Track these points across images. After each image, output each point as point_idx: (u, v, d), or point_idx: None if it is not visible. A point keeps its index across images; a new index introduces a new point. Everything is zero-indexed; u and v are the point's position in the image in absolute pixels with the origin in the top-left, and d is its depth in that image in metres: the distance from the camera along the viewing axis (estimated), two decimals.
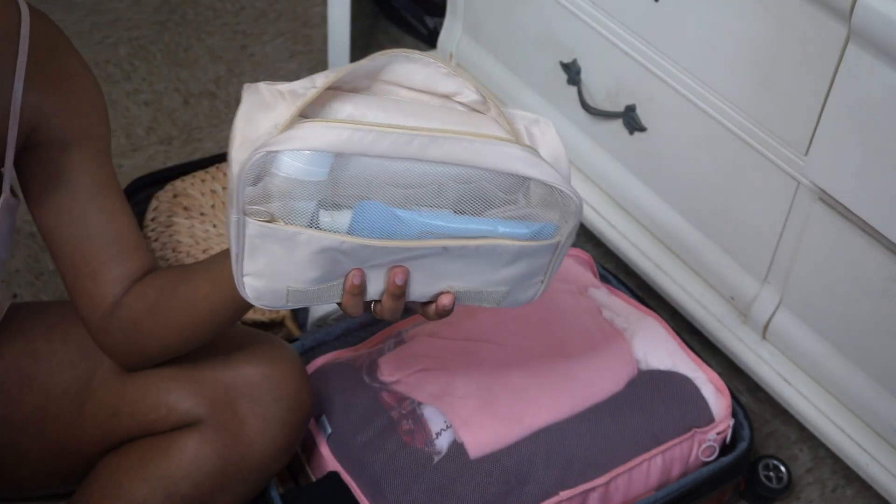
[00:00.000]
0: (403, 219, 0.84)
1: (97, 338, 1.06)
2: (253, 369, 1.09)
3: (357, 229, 0.84)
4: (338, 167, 0.82)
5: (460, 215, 0.86)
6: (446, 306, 0.90)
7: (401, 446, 1.19)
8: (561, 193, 0.86)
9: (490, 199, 0.86)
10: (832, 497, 1.45)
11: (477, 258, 0.87)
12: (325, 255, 0.84)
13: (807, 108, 1.22)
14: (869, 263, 1.23)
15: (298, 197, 0.82)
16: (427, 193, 0.85)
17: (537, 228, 0.87)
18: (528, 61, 1.68)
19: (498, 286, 0.91)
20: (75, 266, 1.03)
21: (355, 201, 0.84)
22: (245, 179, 0.81)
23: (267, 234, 0.83)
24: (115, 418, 1.11)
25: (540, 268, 0.91)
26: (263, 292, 0.87)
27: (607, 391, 1.27)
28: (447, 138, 0.82)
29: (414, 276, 0.88)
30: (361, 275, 0.87)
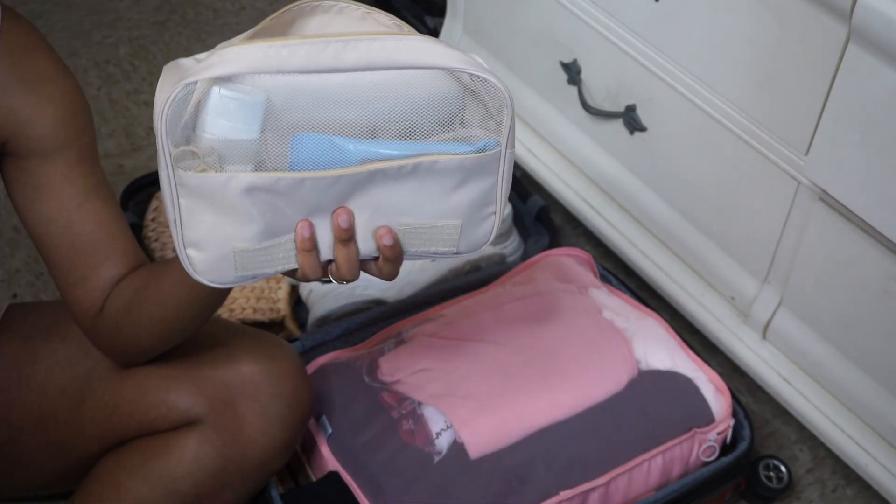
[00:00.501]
0: (342, 147, 0.82)
1: (91, 340, 1.07)
2: (252, 368, 1.09)
3: (295, 164, 0.81)
4: (268, 125, 0.80)
5: (400, 141, 0.84)
6: (386, 242, 0.86)
7: (401, 446, 1.19)
8: (484, 83, 0.83)
9: (426, 131, 0.84)
10: (832, 497, 1.45)
11: (421, 186, 0.84)
12: (263, 199, 0.81)
13: (807, 108, 1.22)
14: (869, 263, 1.23)
15: (230, 159, 0.80)
16: (362, 135, 0.83)
17: (479, 145, 0.85)
18: (528, 61, 1.68)
19: (448, 219, 0.87)
20: (65, 273, 1.02)
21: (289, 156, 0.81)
22: (169, 122, 0.78)
23: (200, 186, 0.80)
24: (115, 417, 1.11)
25: (489, 191, 0.87)
26: (209, 263, 0.84)
27: (607, 391, 1.27)
28: (360, 40, 0.80)
29: (360, 220, 0.85)
30: (310, 225, 0.84)
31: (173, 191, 0.81)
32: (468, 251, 0.90)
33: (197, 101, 0.79)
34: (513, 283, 1.42)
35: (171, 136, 0.79)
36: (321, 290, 1.48)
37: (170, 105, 0.78)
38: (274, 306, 1.49)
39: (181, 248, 0.84)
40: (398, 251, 0.87)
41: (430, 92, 0.83)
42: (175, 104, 0.78)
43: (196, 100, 0.79)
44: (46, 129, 0.98)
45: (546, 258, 1.48)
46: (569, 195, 1.66)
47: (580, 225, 1.75)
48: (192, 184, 0.81)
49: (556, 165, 1.68)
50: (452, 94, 0.84)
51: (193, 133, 0.79)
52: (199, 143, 0.80)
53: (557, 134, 1.67)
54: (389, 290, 1.49)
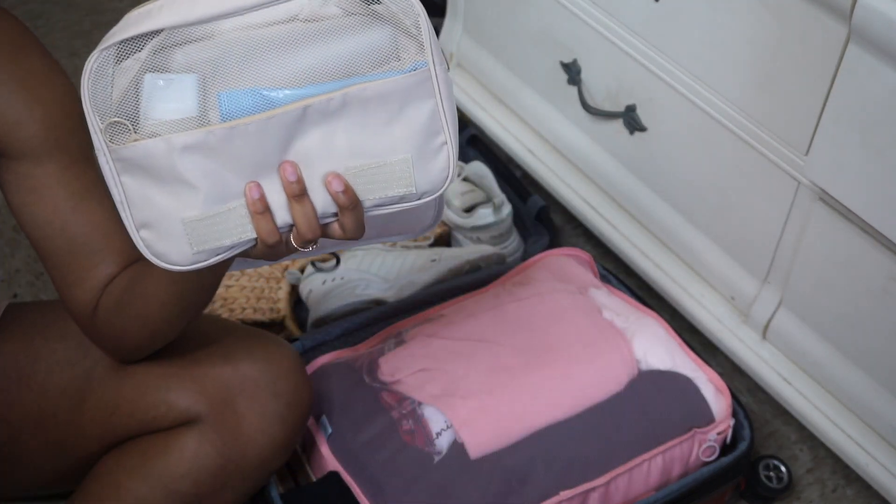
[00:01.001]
0: (270, 96, 0.81)
1: (89, 339, 1.07)
2: (251, 367, 1.09)
3: (226, 118, 0.80)
4: (206, 104, 0.80)
5: (329, 82, 0.82)
6: (336, 188, 0.83)
7: (401, 446, 1.19)
8: None
9: (362, 72, 0.82)
10: (832, 497, 1.45)
11: (357, 120, 0.83)
12: (200, 160, 0.80)
13: (807, 108, 1.22)
14: (869, 263, 1.23)
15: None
16: None
17: (408, 69, 0.83)
18: (528, 61, 1.68)
19: (397, 153, 0.84)
20: (62, 274, 1.02)
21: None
22: (90, 94, 0.78)
23: (136, 157, 0.80)
24: (114, 416, 1.11)
25: (431, 117, 0.84)
26: (164, 244, 0.83)
27: (607, 391, 1.27)
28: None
29: (307, 173, 0.83)
30: (257, 185, 0.82)
31: (113, 169, 0.81)
32: (431, 190, 0.87)
33: (125, 91, 0.79)
34: (513, 283, 1.42)
35: (98, 111, 0.79)
36: (321, 290, 1.48)
37: (88, 78, 0.78)
38: (274, 306, 1.49)
39: (133, 232, 0.83)
40: (352, 197, 0.84)
41: (360, 35, 0.82)
42: (93, 76, 0.78)
43: (126, 86, 0.79)
44: (36, 130, 0.98)
45: (546, 258, 1.48)
46: (569, 195, 1.66)
47: (580, 225, 1.75)
48: (128, 156, 0.80)
49: (556, 165, 1.68)
50: (383, 33, 0.82)
51: (137, 124, 0.79)
52: (144, 131, 0.79)
53: (557, 134, 1.67)
54: (389, 290, 1.49)
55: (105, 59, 0.79)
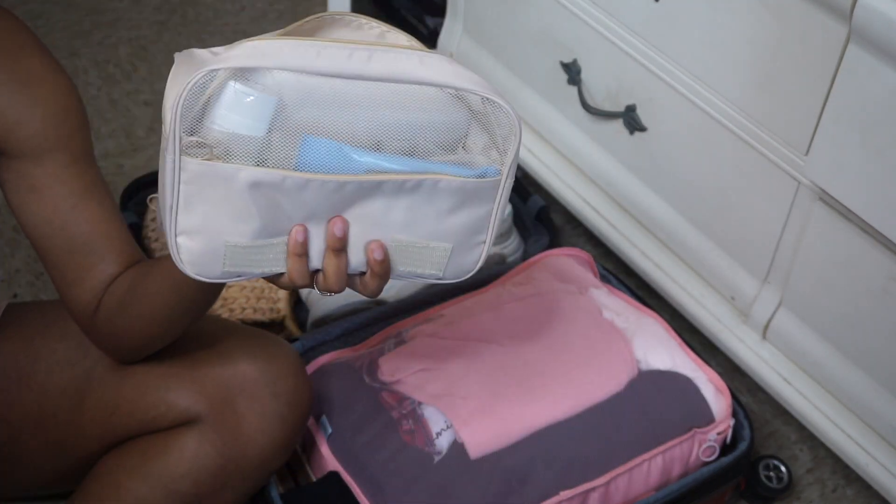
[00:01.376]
0: (350, 155, 0.82)
1: (89, 338, 1.07)
2: (251, 366, 1.09)
3: (302, 165, 0.81)
4: (276, 125, 0.80)
5: (408, 157, 0.84)
6: (376, 256, 0.86)
7: (401, 446, 1.19)
8: (496, 107, 0.83)
9: (428, 151, 0.85)
10: (832, 497, 1.45)
11: (419, 204, 0.85)
12: (266, 196, 0.81)
13: (807, 108, 1.22)
14: (869, 263, 1.23)
15: (235, 153, 0.80)
16: (366, 147, 0.83)
17: (480, 171, 0.85)
18: (528, 61, 1.68)
19: (440, 241, 0.88)
20: (62, 274, 1.02)
21: (296, 156, 0.81)
22: (184, 108, 0.78)
23: (205, 173, 0.80)
24: (114, 416, 1.11)
25: (482, 220, 0.88)
26: (199, 254, 0.83)
27: (607, 391, 1.27)
28: (387, 50, 0.81)
29: (353, 231, 0.85)
30: (304, 230, 0.84)
31: (176, 175, 0.81)
32: (453, 278, 0.91)
33: (209, 94, 0.79)
34: (513, 283, 1.42)
35: (183, 122, 0.79)
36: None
37: (189, 90, 0.78)
38: (274, 306, 1.49)
39: (172, 235, 0.83)
40: (387, 267, 0.87)
41: (438, 112, 0.84)
42: (194, 89, 0.78)
43: (209, 92, 0.79)
44: (36, 130, 0.98)
45: (546, 258, 1.48)
46: (569, 195, 1.66)
47: (580, 225, 1.75)
48: (196, 170, 0.80)
49: (556, 165, 1.68)
50: (459, 118, 0.85)
51: (201, 124, 0.79)
52: (206, 134, 0.80)
53: (557, 134, 1.67)
54: (389, 290, 1.49)
55: (210, 78, 0.78)
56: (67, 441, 1.13)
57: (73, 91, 1.01)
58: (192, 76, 0.77)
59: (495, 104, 0.83)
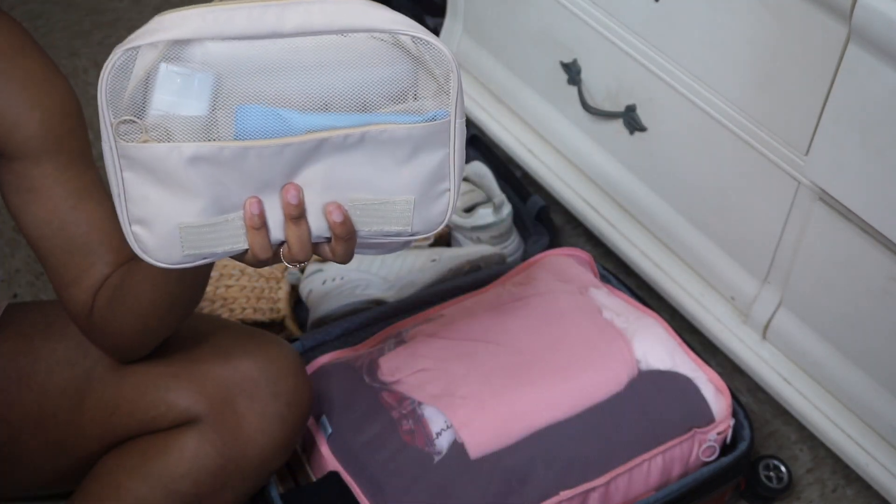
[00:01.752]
0: (288, 118, 0.80)
1: (87, 338, 1.07)
2: (251, 366, 1.09)
3: (241, 136, 0.80)
4: (217, 103, 0.79)
5: (349, 114, 0.82)
6: (335, 219, 0.83)
7: (401, 446, 1.19)
8: (428, 46, 0.81)
9: (378, 105, 0.83)
10: (832, 497, 1.45)
11: (370, 158, 0.83)
12: (208, 171, 0.80)
13: (807, 108, 1.22)
14: (869, 263, 1.23)
15: (178, 136, 0.79)
16: (314, 110, 0.81)
17: (429, 115, 0.83)
18: (528, 61, 1.68)
19: (401, 194, 0.85)
20: (60, 275, 1.02)
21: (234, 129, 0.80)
22: (108, 90, 0.77)
23: (143, 157, 0.79)
24: (114, 416, 1.11)
25: (441, 165, 0.85)
26: (156, 242, 0.82)
27: (607, 391, 1.27)
28: (300, 3, 0.79)
29: (309, 196, 0.83)
30: (258, 202, 0.82)
31: (116, 163, 0.80)
32: (424, 231, 0.88)
33: (145, 77, 0.78)
34: (513, 283, 1.42)
35: (112, 106, 0.78)
36: (321, 290, 1.48)
37: (109, 72, 0.77)
38: (274, 306, 1.49)
39: (126, 225, 0.83)
40: (349, 228, 0.85)
41: (382, 65, 0.82)
42: (115, 71, 0.77)
43: (144, 75, 0.78)
44: (34, 131, 0.98)
45: (546, 258, 1.48)
46: (569, 195, 1.66)
47: (580, 225, 1.75)
48: (134, 155, 0.79)
49: (556, 165, 1.68)
50: (405, 67, 0.82)
51: (144, 111, 0.78)
52: (147, 120, 0.79)
53: (557, 134, 1.67)
54: (389, 290, 1.49)
55: (129, 57, 0.78)
56: (67, 441, 1.13)
57: (70, 92, 1.01)
58: (110, 58, 0.77)
59: (427, 43, 0.81)
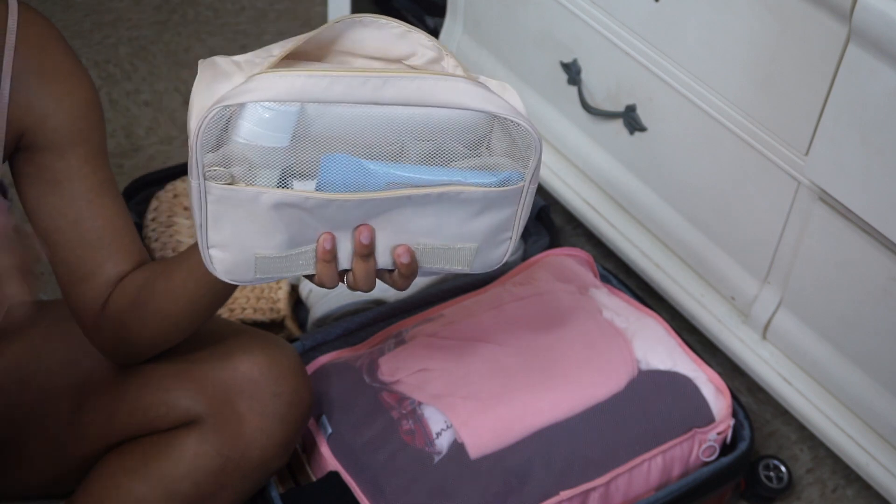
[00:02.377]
0: (371, 170, 0.84)
1: (92, 339, 1.06)
2: (251, 367, 1.09)
3: (324, 184, 0.84)
4: (299, 134, 0.82)
5: (427, 166, 0.86)
6: (404, 261, 0.89)
7: (401, 446, 1.19)
8: (517, 127, 0.85)
9: (452, 154, 0.86)
10: (832, 497, 1.45)
11: (443, 211, 0.87)
12: (290, 213, 0.84)
13: (807, 108, 1.22)
14: (869, 263, 1.23)
15: (260, 164, 0.82)
16: (390, 154, 0.85)
17: (503, 176, 0.87)
18: (528, 61, 1.68)
19: (466, 242, 0.90)
20: (70, 270, 1.03)
21: (319, 167, 0.84)
22: (203, 139, 0.80)
23: (229, 197, 0.83)
24: (115, 417, 1.11)
25: (507, 220, 0.90)
26: (231, 264, 0.87)
27: (607, 391, 1.27)
28: (399, 77, 0.82)
29: (380, 236, 0.88)
30: (332, 238, 0.86)
31: (202, 197, 0.83)
32: (481, 270, 0.94)
33: (232, 111, 0.81)
34: (513, 283, 1.42)
35: (204, 150, 0.81)
36: (321, 291, 1.48)
37: (206, 124, 0.80)
38: (274, 306, 1.49)
39: (204, 248, 0.86)
40: (414, 268, 0.90)
41: (459, 115, 0.85)
42: (211, 123, 0.80)
43: (232, 110, 0.81)
44: (63, 122, 0.99)
45: (546, 258, 1.48)
46: (569, 195, 1.66)
47: (580, 225, 1.75)
48: (220, 194, 0.83)
49: (556, 165, 1.68)
50: (481, 119, 0.86)
51: (226, 135, 0.81)
52: (231, 148, 0.82)
53: (557, 134, 1.67)
54: (389, 290, 1.49)
55: (228, 112, 0.81)
56: (68, 442, 1.13)
57: (94, 87, 1.03)
58: (209, 112, 0.80)
59: (517, 125, 0.85)
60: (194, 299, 0.99)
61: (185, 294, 0.99)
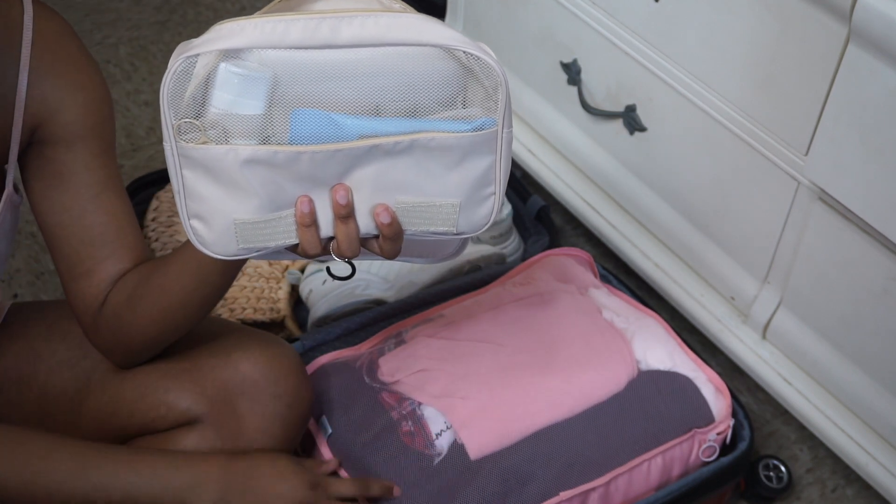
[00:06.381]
0: (341, 123, 0.83)
1: (90, 336, 1.07)
2: (251, 367, 1.09)
3: (294, 138, 0.83)
4: (274, 101, 0.82)
5: (400, 119, 0.85)
6: (383, 220, 0.87)
7: (401, 447, 1.19)
8: (478, 61, 0.84)
9: (429, 109, 0.85)
10: (832, 497, 1.45)
11: (418, 163, 0.86)
12: (262, 172, 0.83)
13: (807, 108, 1.22)
14: (869, 263, 1.23)
15: (235, 133, 0.82)
16: (366, 113, 0.84)
17: (477, 123, 0.86)
18: (528, 61, 1.68)
19: (447, 197, 0.88)
20: (72, 265, 1.03)
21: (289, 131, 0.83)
22: (170, 93, 0.81)
23: (201, 157, 0.83)
24: (115, 417, 1.11)
25: (487, 171, 0.88)
26: (213, 236, 0.86)
27: (607, 391, 1.27)
28: (354, 16, 0.82)
29: (359, 197, 0.87)
30: (309, 201, 0.86)
31: (176, 161, 0.84)
32: (469, 231, 0.91)
33: (206, 77, 0.81)
34: (513, 283, 1.42)
35: (173, 108, 0.81)
36: (321, 290, 1.48)
37: (171, 77, 0.80)
38: (274, 306, 1.49)
39: (185, 219, 0.86)
40: (396, 229, 0.88)
41: (432, 71, 0.84)
42: (176, 77, 0.81)
43: (205, 75, 0.81)
44: (76, 115, 1.00)
45: (546, 258, 1.48)
46: (569, 195, 1.66)
47: (580, 225, 1.75)
48: (193, 155, 0.83)
49: (556, 165, 1.68)
50: (454, 73, 0.85)
51: (203, 108, 0.82)
52: (205, 117, 0.82)
53: (557, 134, 1.67)
54: (389, 290, 1.49)
55: (190, 63, 0.81)
56: None
57: (105, 82, 1.04)
58: (172, 64, 0.80)
59: (477, 58, 0.84)
60: (188, 293, 0.99)
61: (180, 287, 0.99)
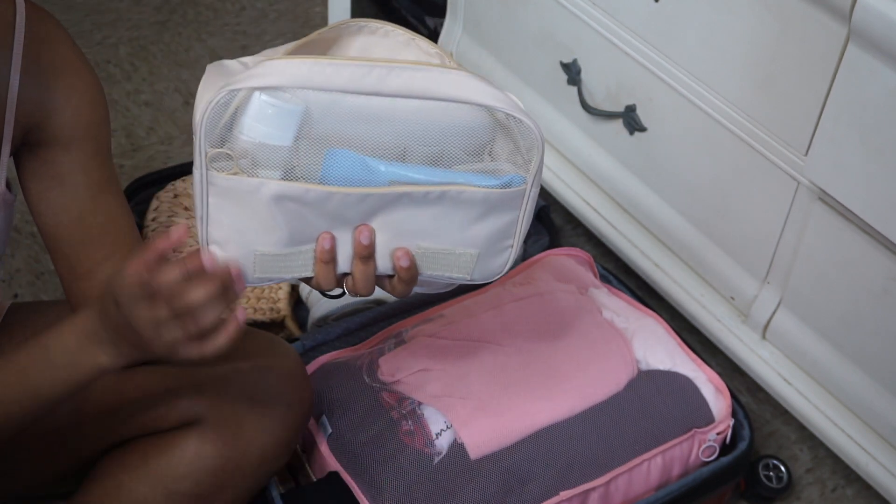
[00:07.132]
0: (373, 167, 0.84)
1: None
2: (251, 367, 1.10)
3: (326, 178, 0.84)
4: (302, 134, 0.82)
5: (430, 167, 0.86)
6: (402, 264, 0.88)
7: (401, 447, 1.19)
8: (519, 124, 0.85)
9: (454, 159, 0.86)
10: (832, 497, 1.45)
11: (444, 213, 0.87)
12: (290, 208, 0.83)
13: (807, 108, 1.22)
14: (869, 263, 1.23)
15: (263, 163, 0.82)
16: (392, 157, 0.85)
17: (505, 179, 0.87)
18: (528, 61, 1.68)
19: (467, 247, 0.89)
20: (71, 267, 1.03)
21: (321, 166, 0.84)
22: (209, 123, 0.81)
23: (231, 187, 0.83)
24: (115, 417, 1.11)
25: (509, 226, 0.90)
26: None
27: (607, 391, 1.27)
28: (404, 68, 0.82)
29: (380, 238, 0.87)
30: (332, 238, 0.86)
31: (204, 189, 0.83)
32: (482, 280, 0.93)
33: (237, 104, 0.81)
34: (513, 283, 1.42)
35: (208, 138, 0.81)
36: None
37: (212, 108, 0.81)
38: (274, 306, 1.49)
39: (204, 244, 0.86)
40: (413, 273, 0.89)
41: (462, 121, 0.85)
42: (217, 108, 0.81)
43: (237, 102, 0.81)
44: (70, 117, 1.00)
45: (546, 258, 1.48)
46: (569, 195, 1.66)
47: (580, 225, 1.75)
48: (222, 185, 0.83)
49: (556, 165, 1.68)
50: (484, 125, 0.86)
51: (230, 133, 0.82)
52: (234, 144, 0.82)
53: (557, 134, 1.67)
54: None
55: (232, 96, 0.81)
56: (68, 442, 1.13)
57: (99, 83, 1.04)
58: (215, 95, 0.80)
59: (518, 121, 0.85)
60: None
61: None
